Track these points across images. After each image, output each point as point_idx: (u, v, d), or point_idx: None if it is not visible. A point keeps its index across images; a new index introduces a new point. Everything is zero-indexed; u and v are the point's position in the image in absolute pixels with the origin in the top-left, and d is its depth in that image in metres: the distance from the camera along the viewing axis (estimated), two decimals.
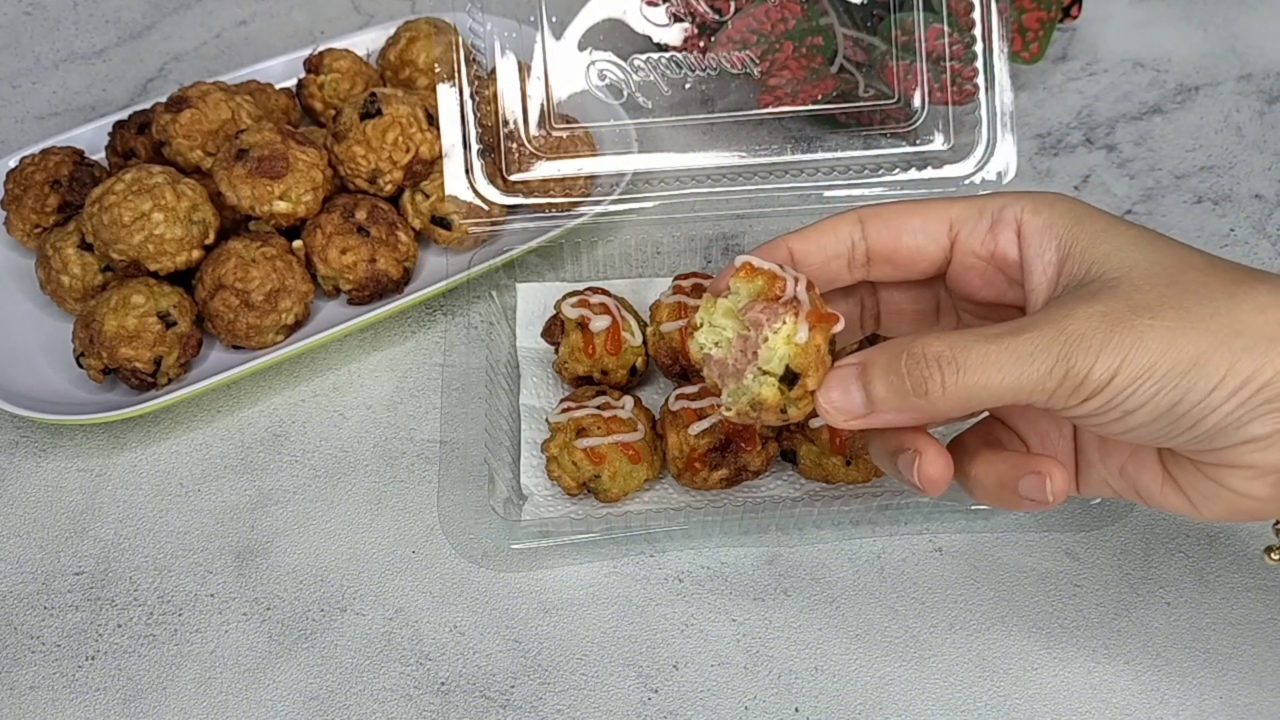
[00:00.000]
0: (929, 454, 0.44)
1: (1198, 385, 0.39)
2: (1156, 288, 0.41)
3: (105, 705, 0.55)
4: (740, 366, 0.44)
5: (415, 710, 0.54)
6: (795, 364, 0.43)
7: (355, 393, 0.68)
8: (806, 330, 0.42)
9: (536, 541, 0.57)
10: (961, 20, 0.67)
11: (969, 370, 0.40)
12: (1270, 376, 0.39)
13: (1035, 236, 0.45)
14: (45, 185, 0.72)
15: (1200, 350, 0.39)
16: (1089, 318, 0.40)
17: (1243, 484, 0.42)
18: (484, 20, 0.69)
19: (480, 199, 0.68)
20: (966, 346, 0.40)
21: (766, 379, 0.43)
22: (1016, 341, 0.40)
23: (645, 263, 0.72)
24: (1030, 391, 0.40)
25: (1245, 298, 0.40)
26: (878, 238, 0.47)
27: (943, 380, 0.40)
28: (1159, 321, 0.40)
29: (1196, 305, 0.40)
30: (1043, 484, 0.44)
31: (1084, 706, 0.53)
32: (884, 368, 0.42)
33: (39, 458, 0.66)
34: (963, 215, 0.47)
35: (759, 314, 0.43)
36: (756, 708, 0.54)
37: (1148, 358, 0.39)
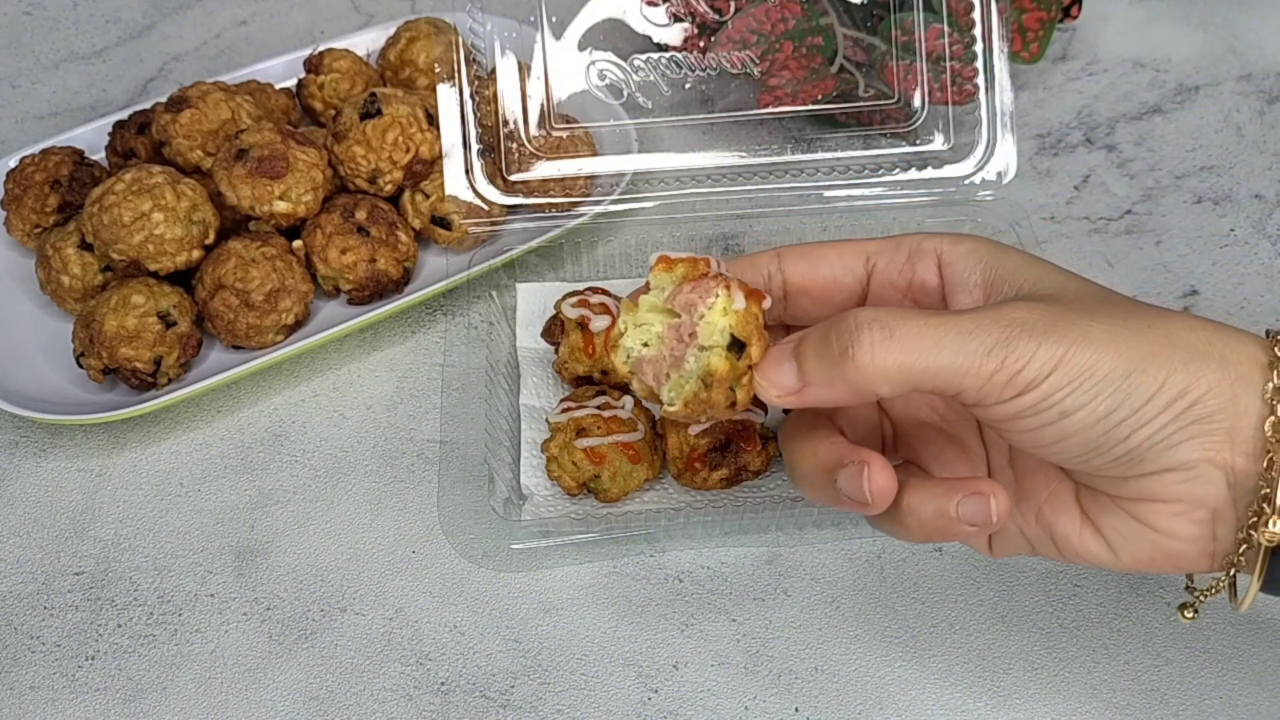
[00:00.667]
0: (877, 463, 0.41)
1: (1136, 392, 0.39)
2: (1090, 301, 0.41)
3: (105, 705, 0.55)
4: (678, 354, 0.42)
5: (415, 710, 0.54)
6: (739, 331, 0.41)
7: (355, 393, 0.68)
8: (742, 298, 0.41)
9: (536, 541, 0.57)
10: (961, 20, 0.67)
11: (902, 338, 0.39)
12: (1203, 392, 0.39)
13: (958, 263, 0.44)
14: (45, 185, 0.72)
15: (1140, 355, 0.39)
16: (1031, 309, 0.39)
17: (1167, 521, 0.41)
18: (484, 20, 0.69)
19: (480, 199, 0.68)
20: (903, 316, 0.39)
21: (714, 350, 0.41)
22: (956, 319, 0.39)
23: (645, 263, 0.72)
24: (965, 372, 0.39)
25: (1175, 319, 0.41)
26: (794, 269, 0.47)
27: (872, 345, 0.39)
28: (1099, 324, 0.39)
29: (1132, 318, 0.40)
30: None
31: (1084, 706, 0.53)
32: (815, 338, 0.41)
33: (39, 458, 0.66)
34: (879, 248, 0.46)
35: (689, 295, 0.42)
36: (756, 708, 0.54)
37: (1090, 355, 0.38)
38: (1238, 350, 0.40)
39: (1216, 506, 0.40)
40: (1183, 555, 0.41)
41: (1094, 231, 0.75)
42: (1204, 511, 0.40)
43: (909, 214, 0.69)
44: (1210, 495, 0.40)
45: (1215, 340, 0.40)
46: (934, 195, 0.68)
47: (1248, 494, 0.40)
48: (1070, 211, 0.77)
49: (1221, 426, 0.39)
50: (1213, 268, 0.72)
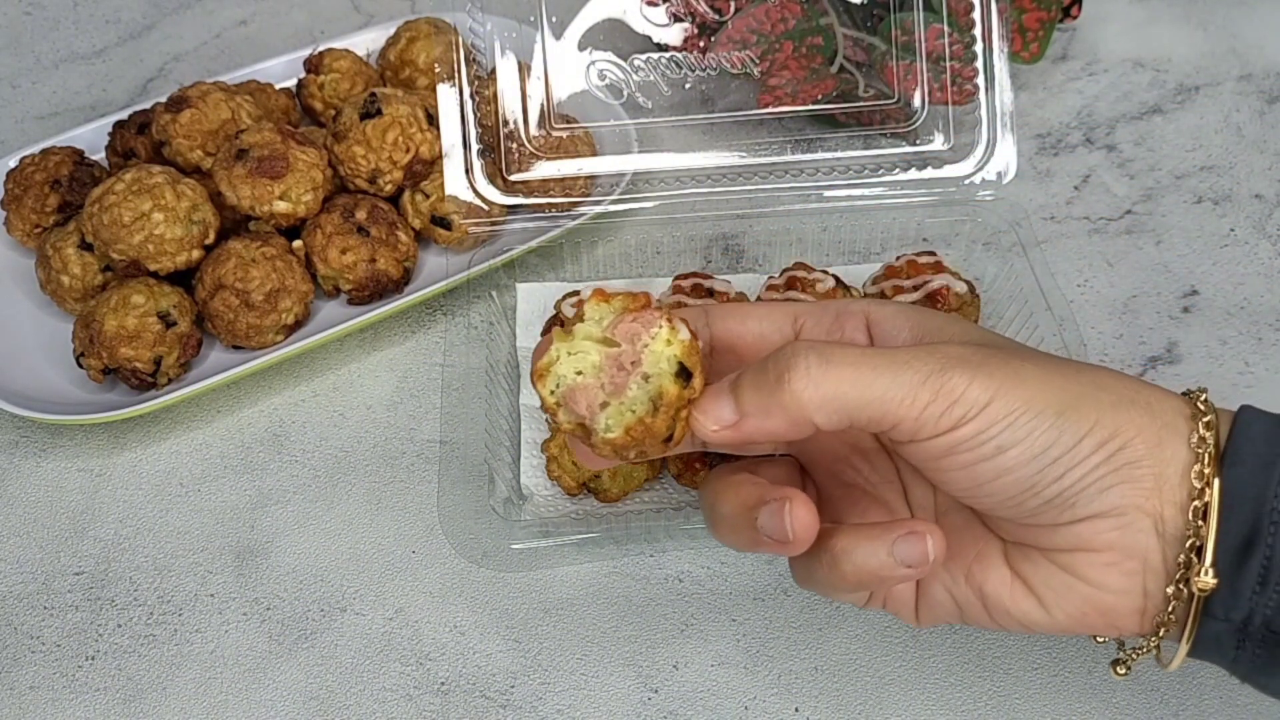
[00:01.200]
0: (799, 499, 0.40)
1: (1069, 429, 0.39)
2: (1020, 349, 0.42)
3: (105, 705, 0.55)
4: (619, 382, 0.41)
5: (415, 710, 0.54)
6: (686, 361, 0.41)
7: (355, 393, 0.68)
8: (686, 330, 0.41)
9: (536, 541, 0.57)
10: (961, 20, 0.67)
11: (838, 365, 0.39)
12: (1131, 436, 0.39)
13: (886, 322, 0.45)
14: (45, 185, 0.72)
15: (1072, 396, 0.39)
16: (965, 347, 0.40)
17: (1098, 573, 0.40)
18: (484, 20, 0.69)
19: (480, 199, 0.68)
20: (840, 347, 0.40)
21: (664, 375, 0.40)
22: (892, 351, 0.40)
23: (645, 263, 0.72)
24: (900, 401, 0.38)
25: (1099, 368, 0.41)
26: (722, 325, 0.46)
27: (809, 372, 0.38)
28: (1030, 365, 0.40)
29: (1060, 364, 0.41)
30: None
31: (1084, 706, 0.53)
32: (753, 369, 0.41)
33: (39, 458, 0.66)
34: (807, 310, 0.46)
35: (632, 324, 0.41)
36: (756, 708, 0.54)
37: (1024, 391, 0.39)
38: (1161, 401, 0.41)
39: (1146, 557, 0.40)
40: (1114, 609, 0.41)
41: (1094, 231, 0.75)
42: (1134, 562, 0.40)
43: (909, 214, 0.69)
44: (1140, 544, 0.40)
45: (1141, 390, 0.41)
46: (934, 195, 0.68)
47: (1176, 544, 0.40)
48: (1070, 211, 0.77)
49: (1149, 473, 0.39)
50: (1213, 268, 0.72)
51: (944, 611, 0.44)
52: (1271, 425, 0.40)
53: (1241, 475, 0.39)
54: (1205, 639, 0.41)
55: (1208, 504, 0.39)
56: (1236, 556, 0.39)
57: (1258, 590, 0.39)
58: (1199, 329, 0.69)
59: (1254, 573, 0.39)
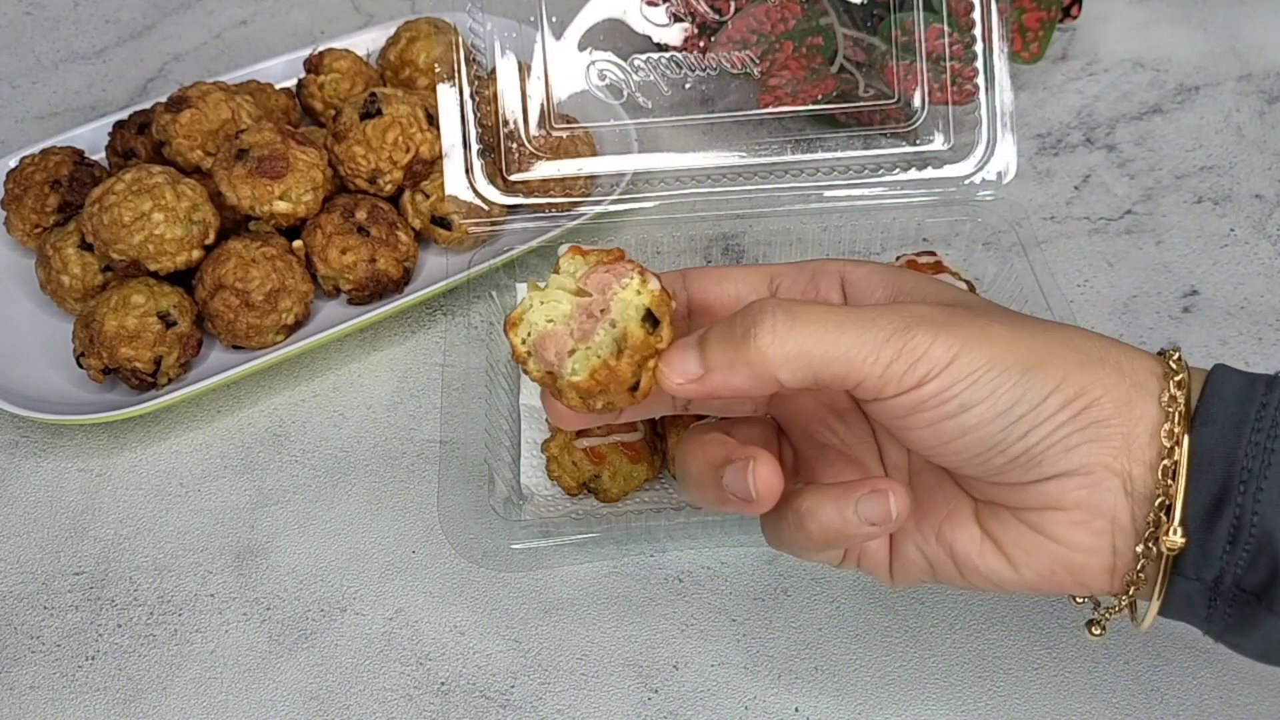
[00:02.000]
0: (763, 458, 0.41)
1: (1034, 387, 0.39)
2: (990, 308, 0.42)
3: (105, 705, 0.55)
4: (587, 329, 0.41)
5: (415, 710, 0.54)
6: (655, 309, 0.41)
7: (355, 393, 0.68)
8: (657, 282, 0.42)
9: (536, 541, 0.57)
10: (961, 20, 0.67)
11: (803, 322, 0.39)
12: (1099, 395, 0.39)
13: (860, 281, 0.45)
14: (45, 185, 0.72)
15: (1038, 355, 0.39)
16: (932, 306, 0.40)
17: (1066, 531, 0.40)
18: (484, 20, 0.69)
19: (480, 199, 0.68)
20: (806, 305, 0.40)
21: (630, 317, 0.41)
22: (858, 310, 0.40)
23: (645, 263, 0.71)
24: (864, 359, 0.39)
25: (1069, 328, 0.41)
26: (698, 287, 0.47)
27: (774, 328, 0.39)
28: (997, 325, 0.40)
29: (1029, 322, 0.41)
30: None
31: (1084, 706, 0.53)
32: (720, 324, 0.41)
33: (39, 458, 0.66)
34: (783, 270, 0.47)
35: (604, 275, 0.42)
36: (756, 708, 0.54)
37: (989, 350, 0.39)
38: (1133, 360, 0.40)
39: (1115, 515, 0.40)
40: (1083, 567, 0.41)
41: (1094, 231, 0.75)
42: (1102, 521, 0.40)
43: (909, 214, 0.69)
44: (1107, 503, 0.40)
45: (1111, 349, 0.40)
46: (934, 195, 0.68)
47: (1145, 503, 0.40)
48: (1070, 211, 0.77)
49: (1118, 431, 0.39)
50: (1213, 268, 0.72)
51: (917, 570, 0.44)
52: (1244, 384, 0.40)
53: (1212, 434, 0.39)
54: (1177, 599, 0.41)
55: (1177, 463, 0.39)
56: (1206, 516, 0.39)
57: (1228, 549, 0.39)
58: (1199, 329, 0.69)
59: (1224, 532, 0.39)
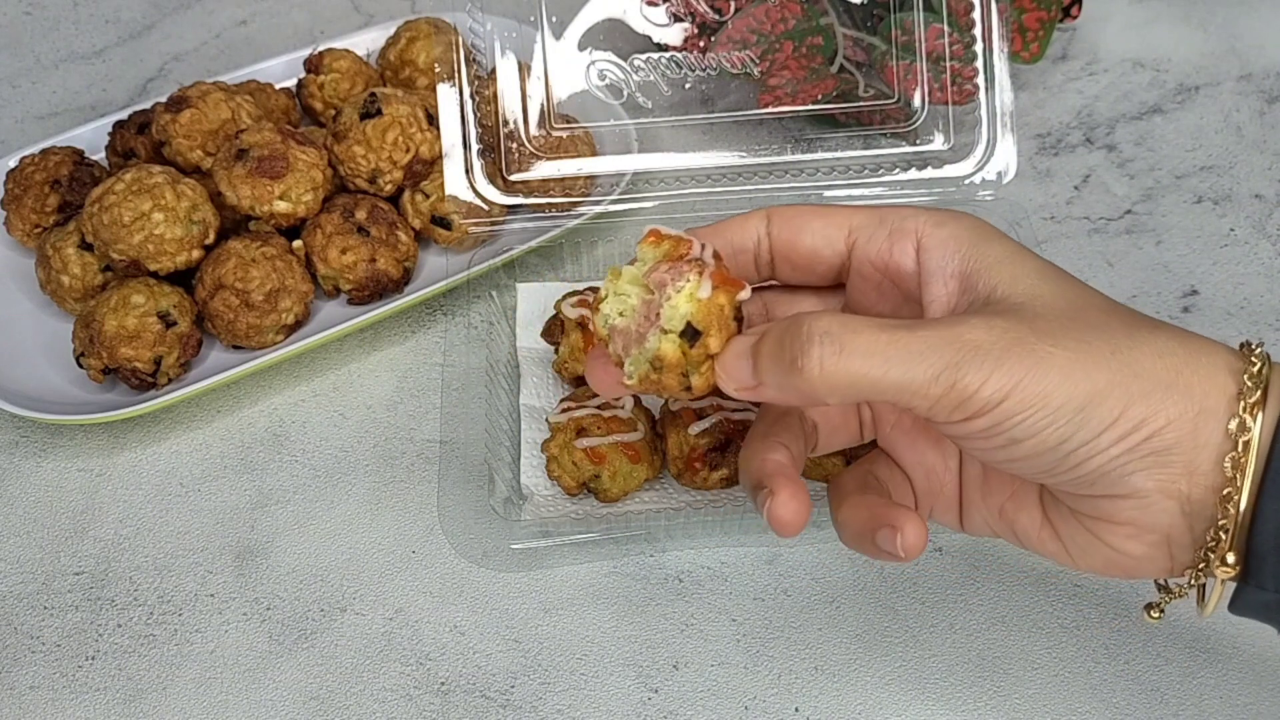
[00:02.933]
0: (782, 495, 0.42)
1: (1088, 424, 0.38)
2: (1060, 318, 0.39)
3: (105, 705, 0.55)
4: (643, 331, 0.42)
5: (415, 710, 0.54)
6: (697, 320, 0.41)
7: (355, 393, 0.68)
8: (709, 287, 0.41)
9: (536, 541, 0.57)
10: (961, 20, 0.67)
11: (851, 354, 0.38)
12: (1162, 425, 0.38)
13: (936, 249, 0.43)
14: (45, 185, 0.72)
15: (1097, 388, 0.38)
16: (990, 330, 0.38)
17: (1120, 541, 0.41)
18: (484, 20, 0.69)
19: (480, 199, 0.68)
20: (855, 330, 0.38)
21: (667, 335, 0.41)
22: (909, 337, 0.38)
23: None
24: (913, 394, 0.38)
25: (1146, 340, 0.39)
26: (779, 235, 0.46)
27: (821, 358, 0.38)
28: (1060, 350, 0.38)
29: (1098, 340, 0.39)
30: (894, 538, 0.42)
31: (1084, 706, 0.53)
32: (772, 340, 0.40)
33: (39, 458, 0.66)
34: (863, 222, 0.45)
35: (664, 274, 0.42)
36: (756, 708, 0.54)
37: (1042, 386, 0.38)
38: (1206, 379, 0.39)
39: (1170, 534, 0.40)
40: (1137, 569, 0.42)
41: (1094, 231, 0.75)
42: (1157, 535, 0.40)
43: None
44: (1162, 522, 0.40)
45: (1184, 369, 0.39)
46: (934, 195, 0.68)
47: (1205, 521, 0.39)
48: (1070, 211, 0.77)
49: (1180, 459, 0.39)
50: (1213, 268, 0.72)
51: (983, 531, 0.46)
52: None
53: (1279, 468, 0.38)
54: (1252, 605, 0.41)
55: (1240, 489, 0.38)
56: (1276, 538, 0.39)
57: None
58: (1199, 329, 0.68)
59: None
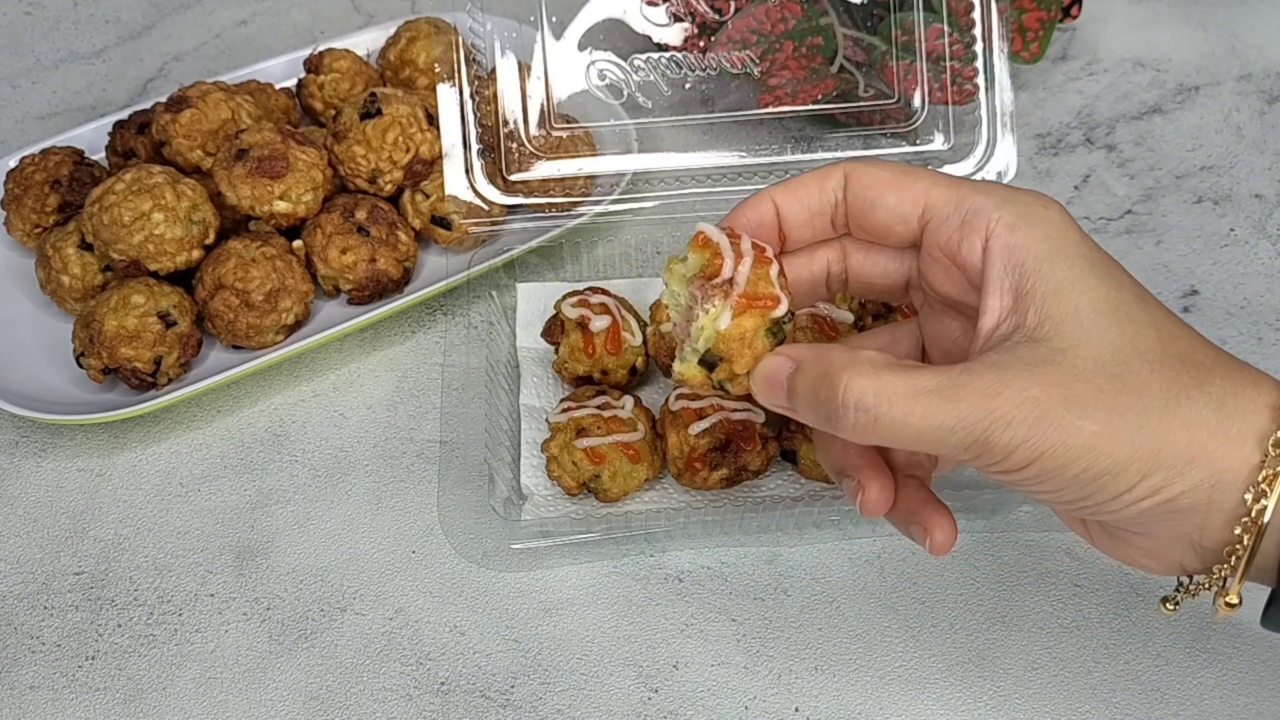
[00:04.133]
0: (872, 490, 0.45)
1: (1104, 490, 0.39)
2: (1098, 379, 0.39)
3: (105, 705, 0.55)
4: (682, 338, 0.44)
5: (415, 710, 0.54)
6: (716, 349, 0.42)
7: (355, 393, 0.68)
8: (729, 317, 0.42)
9: (536, 541, 0.57)
10: (961, 20, 0.67)
11: (885, 424, 0.40)
12: (1177, 494, 0.39)
13: (1001, 257, 0.43)
14: (45, 185, 0.72)
15: (1118, 461, 0.39)
16: (1021, 404, 0.38)
17: (1134, 556, 0.43)
18: (484, 20, 0.69)
19: (480, 199, 0.68)
20: (891, 399, 0.39)
21: (692, 358, 0.43)
22: (942, 409, 0.39)
23: (645, 263, 0.72)
24: (943, 453, 0.40)
25: (1181, 407, 0.39)
26: (855, 204, 0.46)
27: (855, 424, 0.40)
28: (1088, 424, 0.38)
29: (1130, 411, 0.39)
30: (924, 538, 0.45)
31: (1084, 706, 0.53)
32: (809, 381, 0.41)
33: (39, 458, 0.66)
34: (937, 203, 0.44)
35: (697, 290, 0.43)
36: (756, 708, 0.54)
37: (1066, 457, 0.39)
38: (1231, 451, 0.39)
39: (1183, 561, 0.42)
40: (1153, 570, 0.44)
41: (1094, 231, 0.75)
42: (1170, 561, 0.42)
43: None
44: (1174, 555, 0.42)
45: (1209, 441, 0.39)
46: None
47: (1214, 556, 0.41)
48: (1070, 211, 0.76)
49: (1193, 519, 0.40)
50: (1213, 268, 0.72)
51: None
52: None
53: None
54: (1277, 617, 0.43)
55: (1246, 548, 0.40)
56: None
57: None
58: (1199, 329, 0.68)
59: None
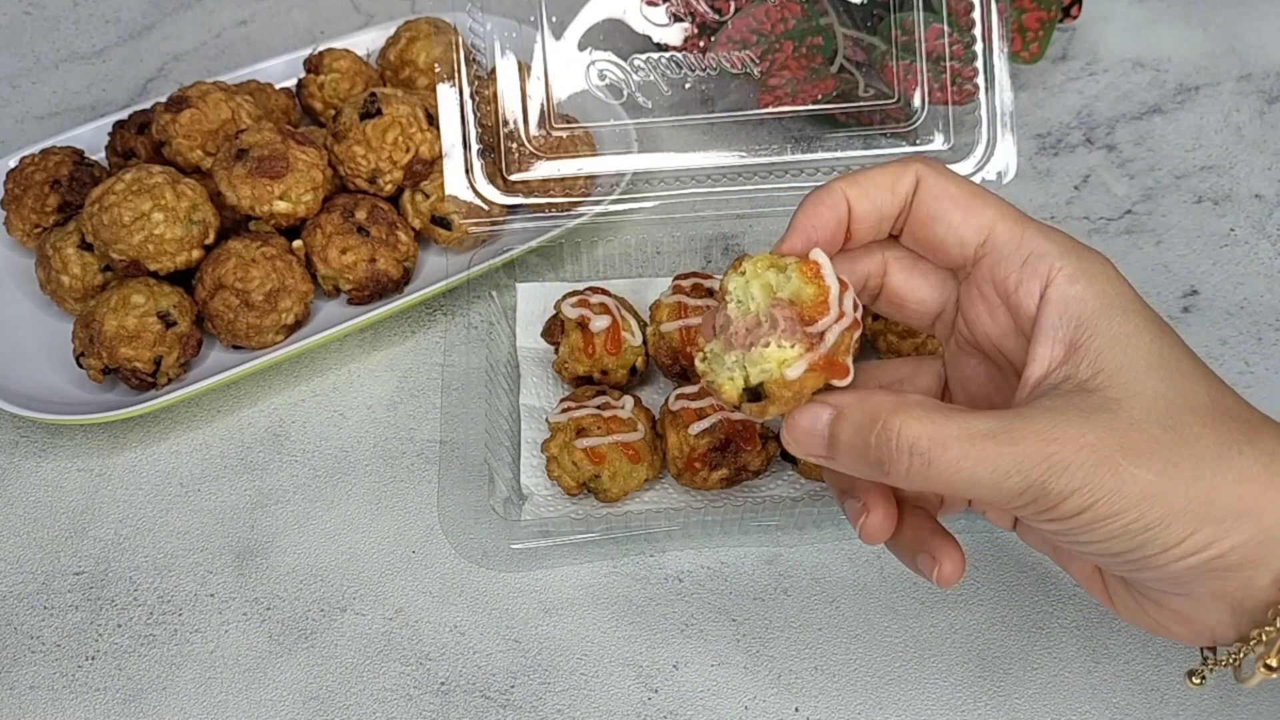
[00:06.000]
0: (876, 515, 0.44)
1: (1155, 541, 0.39)
2: (1153, 429, 0.39)
3: (105, 705, 0.55)
4: (735, 343, 0.41)
5: (415, 710, 0.54)
6: (768, 388, 0.40)
7: (355, 393, 0.68)
8: (801, 370, 0.40)
9: (536, 541, 0.57)
10: (961, 20, 0.67)
11: (939, 467, 0.39)
12: (1226, 550, 0.39)
13: (1058, 306, 0.42)
14: (45, 185, 0.72)
15: (1171, 512, 0.39)
16: (1079, 450, 0.38)
17: (1165, 620, 0.42)
18: (484, 20, 0.69)
19: (480, 199, 0.68)
20: (945, 444, 0.38)
21: (737, 377, 0.41)
22: (998, 453, 0.38)
23: (645, 263, 0.72)
24: (995, 500, 0.39)
25: (1232, 463, 0.39)
26: (919, 211, 0.44)
27: (909, 470, 0.39)
28: (1143, 473, 0.38)
29: (1185, 463, 0.39)
30: (931, 566, 0.44)
31: (1084, 706, 0.53)
32: (855, 427, 0.40)
33: (39, 458, 0.66)
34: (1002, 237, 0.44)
35: (781, 317, 0.40)
36: (756, 708, 0.54)
37: (1121, 504, 0.38)
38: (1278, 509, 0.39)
39: (1215, 628, 0.42)
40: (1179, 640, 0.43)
41: (1094, 231, 0.75)
42: (1202, 627, 0.42)
43: None
44: (1210, 618, 0.41)
45: (1261, 496, 0.39)
46: None
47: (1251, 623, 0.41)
48: (1070, 211, 0.77)
49: (1238, 576, 0.40)
50: (1213, 268, 0.72)
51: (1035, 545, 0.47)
52: None
53: None
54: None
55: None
56: None
57: None
58: (1199, 329, 0.69)
59: None
